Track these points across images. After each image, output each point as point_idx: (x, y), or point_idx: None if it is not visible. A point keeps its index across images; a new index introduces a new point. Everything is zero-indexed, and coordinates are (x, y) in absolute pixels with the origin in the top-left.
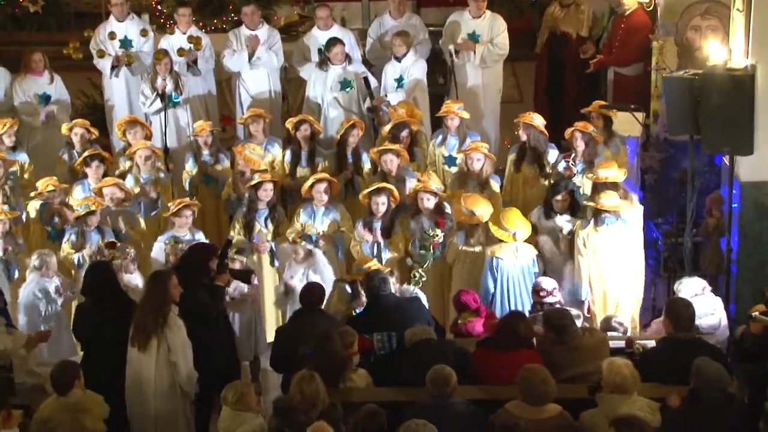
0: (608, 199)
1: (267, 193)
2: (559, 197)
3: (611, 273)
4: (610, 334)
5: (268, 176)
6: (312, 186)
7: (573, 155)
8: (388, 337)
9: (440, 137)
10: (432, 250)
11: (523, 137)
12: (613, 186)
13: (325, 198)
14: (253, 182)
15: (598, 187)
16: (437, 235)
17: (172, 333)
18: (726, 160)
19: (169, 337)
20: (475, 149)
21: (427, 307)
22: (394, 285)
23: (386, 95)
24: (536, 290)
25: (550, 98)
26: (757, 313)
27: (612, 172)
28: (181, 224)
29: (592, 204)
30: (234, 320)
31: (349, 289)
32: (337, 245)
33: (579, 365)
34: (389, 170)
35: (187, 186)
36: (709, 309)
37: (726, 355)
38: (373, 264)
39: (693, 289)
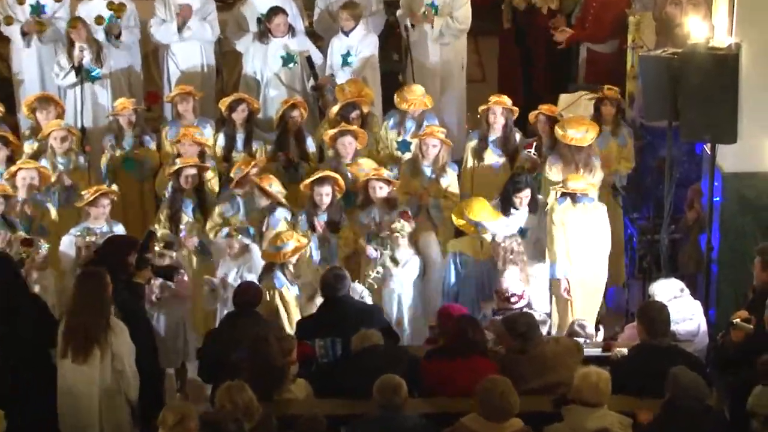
0: (576, 182)
1: (188, 180)
2: (522, 195)
3: (584, 255)
4: (580, 340)
5: (192, 161)
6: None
7: (535, 144)
8: (332, 343)
9: (393, 120)
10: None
11: (500, 122)
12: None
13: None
14: (174, 168)
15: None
16: (403, 230)
17: (117, 338)
18: (707, 148)
19: (114, 343)
20: (431, 134)
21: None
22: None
23: (333, 73)
24: (505, 296)
25: (517, 78)
26: (738, 319)
27: (581, 185)
28: (97, 215)
29: (559, 189)
30: (159, 322)
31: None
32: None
33: (543, 375)
34: (346, 154)
35: (105, 171)
36: (686, 313)
37: (705, 364)
38: (291, 238)
39: (669, 291)
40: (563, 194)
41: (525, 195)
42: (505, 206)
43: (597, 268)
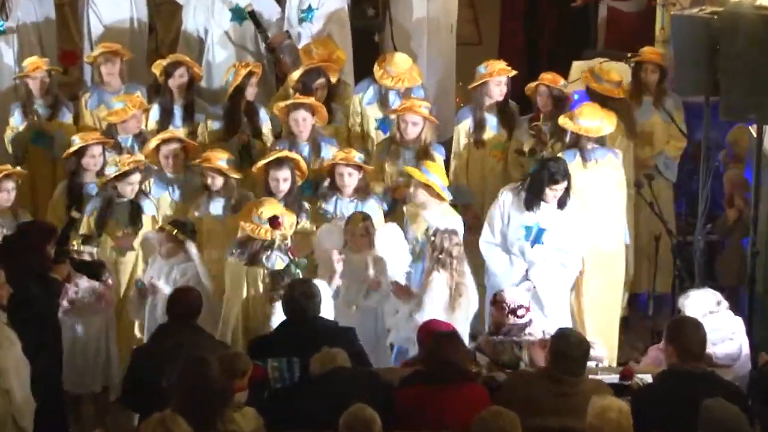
0: (588, 120)
1: (134, 187)
2: (558, 187)
3: (600, 229)
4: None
5: (140, 160)
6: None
7: (533, 123)
8: (288, 364)
9: (370, 91)
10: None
11: (543, 105)
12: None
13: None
14: (116, 173)
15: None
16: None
17: (2, 351)
18: (753, 130)
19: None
20: (410, 109)
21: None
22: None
23: (289, 30)
24: (510, 309)
25: (521, 41)
26: None
27: (595, 124)
28: None
29: (569, 126)
30: (75, 333)
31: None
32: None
33: (568, 414)
34: (299, 132)
35: (10, 147)
36: (725, 332)
37: (746, 395)
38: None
39: (704, 305)
40: (569, 147)
41: (561, 188)
42: (533, 199)
43: (617, 250)
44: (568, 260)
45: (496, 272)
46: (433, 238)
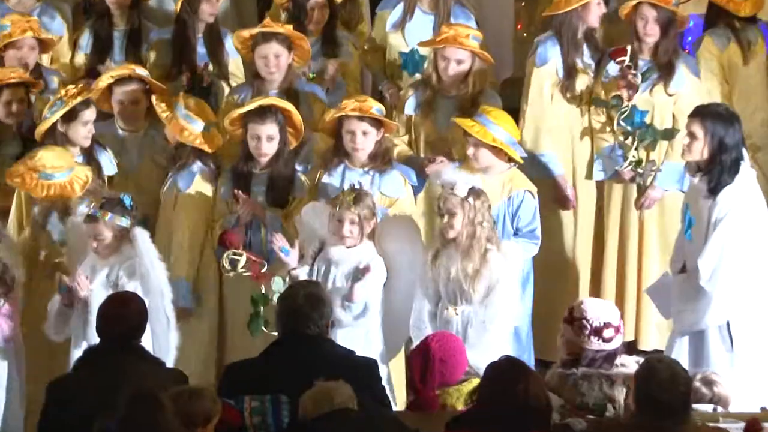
0: None
1: (89, 130)
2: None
3: None
4: (703, 407)
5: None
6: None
7: (629, 53)
8: (273, 405)
9: (397, 11)
10: None
11: (647, 33)
12: None
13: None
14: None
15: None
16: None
17: None
18: None
19: None
20: (454, 40)
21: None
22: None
23: None
24: (593, 329)
25: None
26: None
27: None
28: None
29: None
30: None
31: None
32: None
33: None
34: (269, 75)
35: None
36: None
37: None
38: None
39: None
40: None
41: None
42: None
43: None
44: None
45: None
46: (469, 200)
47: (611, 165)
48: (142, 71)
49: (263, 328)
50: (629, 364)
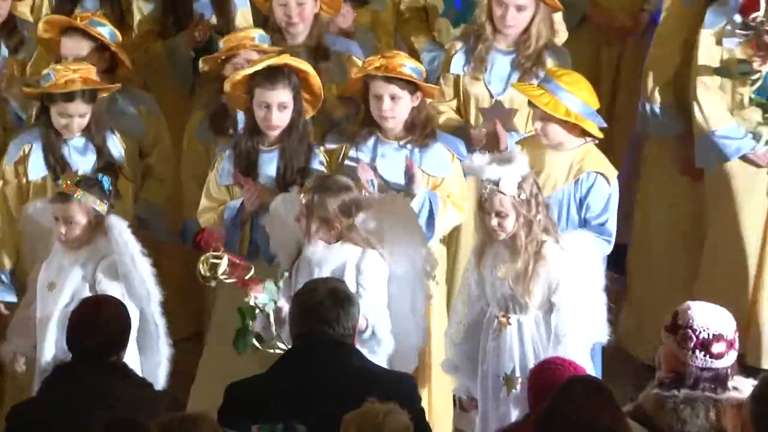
0: None
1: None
2: None
3: None
4: None
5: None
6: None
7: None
8: (288, 430)
9: None
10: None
11: None
12: None
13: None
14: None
15: None
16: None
17: None
18: None
19: None
20: None
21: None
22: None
23: None
24: (700, 341)
25: None
26: None
27: None
28: None
29: None
30: None
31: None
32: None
33: None
34: (290, 26)
35: None
36: None
37: None
38: None
39: None
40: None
41: None
42: None
43: None
44: None
45: None
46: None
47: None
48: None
49: (256, 343)
50: (744, 388)
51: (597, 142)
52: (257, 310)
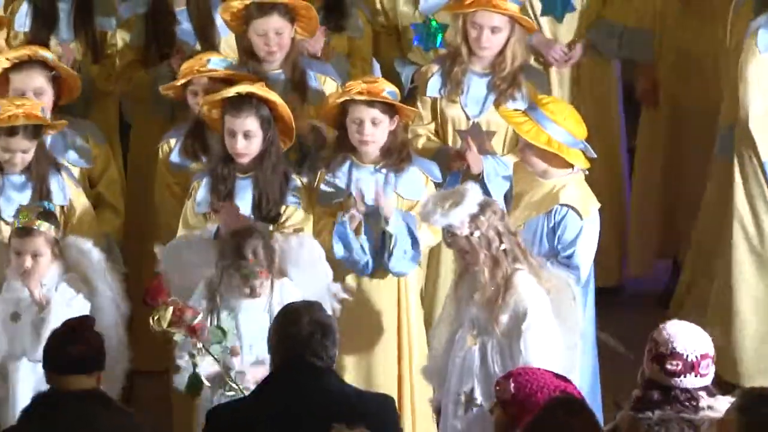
0: None
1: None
2: None
3: None
4: None
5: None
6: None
7: None
8: None
9: None
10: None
11: None
12: None
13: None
14: None
15: None
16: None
17: None
18: None
19: None
20: (488, 2)
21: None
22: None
23: None
24: (684, 363)
25: None
26: None
27: None
28: None
29: None
30: None
31: None
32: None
33: None
34: (267, 54)
35: None
36: None
37: None
38: None
39: None
40: None
41: None
42: None
43: None
44: None
45: None
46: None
47: None
48: (46, 53)
49: (207, 384)
50: (719, 407)
51: (587, 172)
52: (201, 355)
